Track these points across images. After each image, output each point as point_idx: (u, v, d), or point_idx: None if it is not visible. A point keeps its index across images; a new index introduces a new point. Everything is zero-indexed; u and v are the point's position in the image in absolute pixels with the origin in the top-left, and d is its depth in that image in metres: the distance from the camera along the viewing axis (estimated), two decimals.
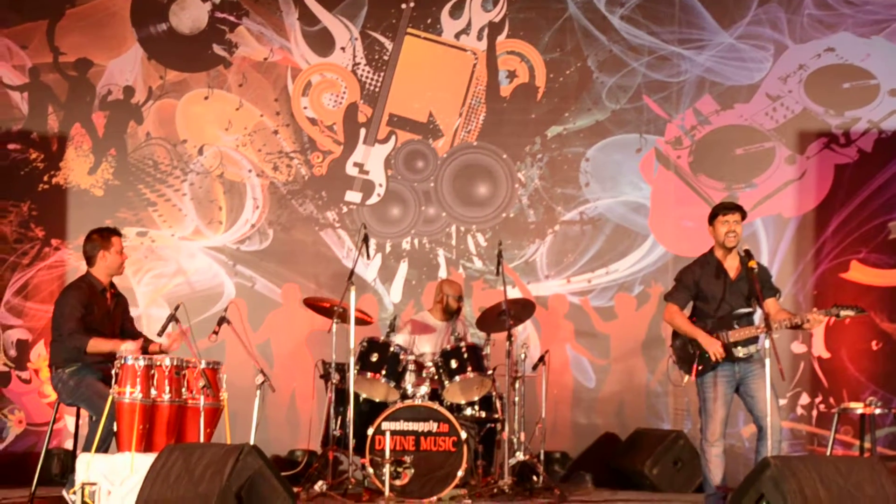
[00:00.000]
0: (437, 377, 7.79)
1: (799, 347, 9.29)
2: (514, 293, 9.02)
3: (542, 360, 8.31)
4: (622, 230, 9.52)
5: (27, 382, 9.18)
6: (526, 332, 9.26)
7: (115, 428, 6.49)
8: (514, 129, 9.60)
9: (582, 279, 9.52)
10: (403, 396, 7.71)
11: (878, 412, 7.73)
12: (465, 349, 7.77)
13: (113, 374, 6.53)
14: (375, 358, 7.71)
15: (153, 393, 6.52)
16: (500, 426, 7.86)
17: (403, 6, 9.65)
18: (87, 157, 9.45)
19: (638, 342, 9.42)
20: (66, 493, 6.44)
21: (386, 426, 7.41)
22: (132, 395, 6.46)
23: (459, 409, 7.77)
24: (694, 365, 6.72)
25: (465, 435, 7.44)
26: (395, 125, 9.63)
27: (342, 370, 7.83)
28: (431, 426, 7.45)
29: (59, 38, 9.49)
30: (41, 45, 9.46)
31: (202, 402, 6.52)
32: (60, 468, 8.54)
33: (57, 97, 9.46)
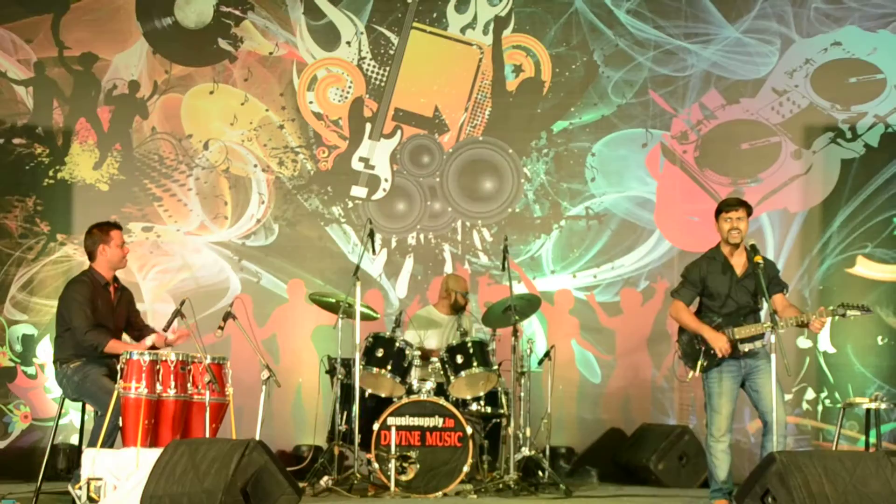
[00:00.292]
0: (442, 372, 7.79)
1: (804, 342, 9.29)
2: (519, 288, 9.01)
3: (547, 355, 8.31)
4: (628, 225, 9.51)
5: (33, 378, 9.18)
6: (531, 327, 9.26)
7: (120, 423, 6.49)
8: (519, 123, 9.58)
9: (588, 274, 9.51)
10: (409, 392, 7.71)
11: (883, 407, 7.72)
12: (470, 344, 7.77)
13: (118, 369, 6.53)
14: (381, 353, 7.71)
15: (158, 388, 6.53)
16: (505, 421, 7.86)
17: (409, 0, 9.63)
18: (92, 151, 9.44)
19: (643, 337, 9.42)
20: (71, 487, 6.44)
21: (391, 421, 7.42)
22: (137, 390, 6.46)
23: (465, 404, 7.76)
24: (699, 360, 6.71)
25: (470, 430, 7.44)
26: (400, 120, 9.61)
27: (348, 365, 7.83)
28: (437, 421, 7.45)
29: (63, 32, 9.47)
30: (46, 39, 9.44)
31: (208, 397, 6.54)
32: (66, 463, 8.55)
33: (62, 92, 9.45)
